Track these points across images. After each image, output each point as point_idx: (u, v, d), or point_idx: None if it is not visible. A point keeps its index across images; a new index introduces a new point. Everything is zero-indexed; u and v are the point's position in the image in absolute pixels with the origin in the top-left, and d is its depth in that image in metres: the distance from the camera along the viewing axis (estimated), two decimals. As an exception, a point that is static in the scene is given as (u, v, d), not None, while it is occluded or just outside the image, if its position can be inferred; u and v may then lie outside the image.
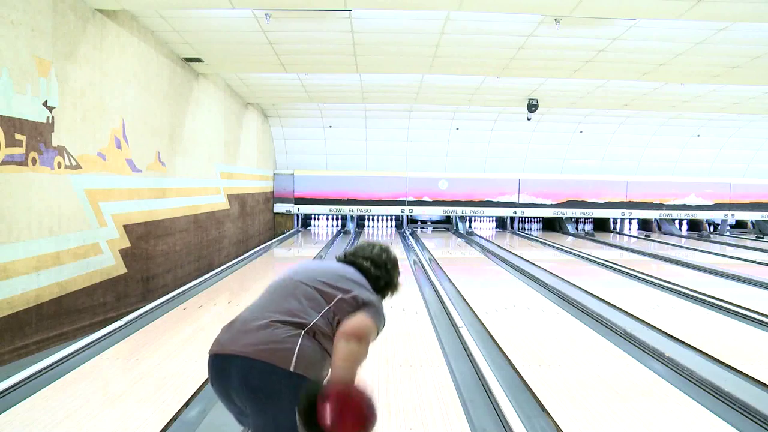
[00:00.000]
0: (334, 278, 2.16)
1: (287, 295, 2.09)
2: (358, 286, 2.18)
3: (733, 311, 6.14)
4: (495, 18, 6.65)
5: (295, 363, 1.91)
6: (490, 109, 13.88)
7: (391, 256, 2.41)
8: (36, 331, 4.84)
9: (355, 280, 2.21)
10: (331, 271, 2.22)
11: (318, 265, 2.27)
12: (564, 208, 16.21)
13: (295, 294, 2.08)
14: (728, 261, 10.88)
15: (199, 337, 5.10)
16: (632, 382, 4.00)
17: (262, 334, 1.95)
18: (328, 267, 2.26)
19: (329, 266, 2.27)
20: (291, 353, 1.91)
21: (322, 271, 2.20)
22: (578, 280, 8.02)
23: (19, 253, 4.65)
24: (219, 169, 10.25)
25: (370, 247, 2.38)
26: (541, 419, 3.39)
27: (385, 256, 2.38)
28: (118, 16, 6.23)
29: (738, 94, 10.86)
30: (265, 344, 1.92)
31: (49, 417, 3.29)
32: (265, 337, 1.94)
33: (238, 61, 8.73)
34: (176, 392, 3.68)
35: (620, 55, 7.85)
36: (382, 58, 8.28)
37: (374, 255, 2.35)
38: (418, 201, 15.80)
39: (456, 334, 5.13)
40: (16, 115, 4.55)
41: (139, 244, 6.82)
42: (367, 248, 2.38)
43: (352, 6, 5.84)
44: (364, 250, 2.37)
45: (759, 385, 3.92)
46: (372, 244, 2.41)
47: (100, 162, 5.94)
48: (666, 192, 16.41)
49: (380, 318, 2.15)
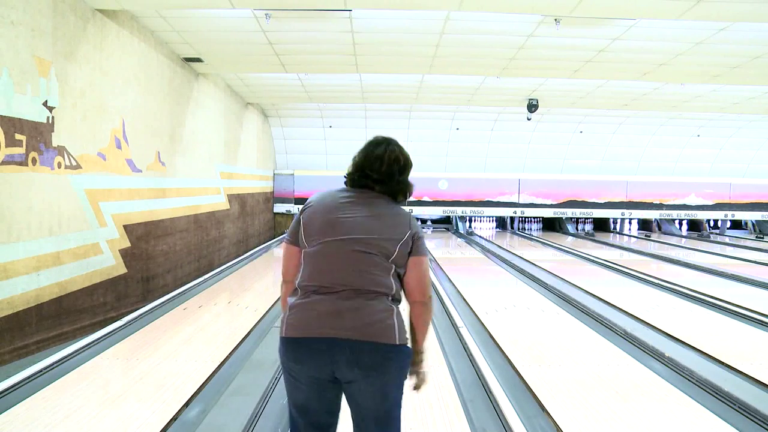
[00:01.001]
0: (377, 229, 2.07)
1: (355, 266, 2.03)
2: (392, 219, 2.11)
3: (733, 311, 6.14)
4: (495, 18, 6.65)
5: (398, 336, 2.01)
6: (490, 109, 13.88)
7: (401, 160, 2.17)
8: (36, 331, 4.83)
9: (388, 214, 2.12)
10: (368, 222, 2.08)
11: (354, 222, 2.08)
12: (564, 208, 16.20)
13: (362, 263, 2.03)
14: (728, 261, 10.88)
15: (199, 337, 5.11)
16: (632, 382, 4.00)
17: (360, 314, 1.98)
18: (362, 217, 2.09)
19: (361, 215, 2.09)
20: (393, 328, 2.00)
21: (364, 227, 2.07)
22: (578, 280, 8.02)
23: (19, 253, 4.65)
24: (219, 169, 10.24)
25: (378, 162, 2.14)
26: (541, 419, 3.39)
27: (397, 167, 2.16)
28: (118, 16, 6.23)
29: (738, 94, 10.86)
30: (369, 325, 1.97)
31: (49, 417, 3.29)
32: (365, 317, 1.98)
33: (238, 61, 8.73)
34: (176, 392, 3.68)
35: (620, 55, 7.85)
36: (382, 58, 8.28)
37: (385, 172, 2.14)
38: (418, 201, 15.79)
39: (456, 334, 5.13)
40: (16, 115, 4.55)
41: (139, 244, 6.82)
42: (375, 163, 2.14)
43: (352, 6, 5.84)
44: (373, 168, 2.14)
45: (759, 385, 3.92)
46: (379, 158, 2.14)
47: (100, 162, 5.94)
48: (666, 192, 16.40)
49: (423, 237, 2.18)
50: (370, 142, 2.20)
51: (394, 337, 2.00)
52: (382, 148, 2.16)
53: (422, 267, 2.11)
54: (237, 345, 4.76)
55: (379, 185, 2.15)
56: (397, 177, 2.16)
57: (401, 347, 2.01)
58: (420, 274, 2.11)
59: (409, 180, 2.22)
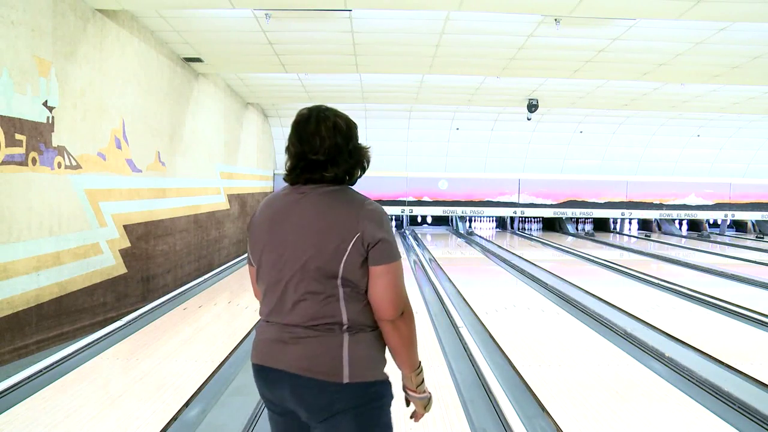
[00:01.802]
0: (317, 241, 1.66)
1: (295, 292, 1.68)
2: (336, 224, 1.66)
3: (733, 311, 6.14)
4: (495, 18, 6.65)
5: (350, 372, 1.64)
6: (490, 109, 13.88)
7: (342, 126, 1.73)
8: (36, 331, 4.83)
9: (332, 214, 1.68)
10: (307, 233, 1.68)
11: (291, 234, 1.70)
12: (564, 208, 16.20)
13: (302, 288, 1.67)
14: (728, 261, 10.88)
15: (199, 337, 5.11)
16: (632, 382, 4.00)
17: (303, 346, 1.66)
18: (301, 227, 1.69)
19: (300, 223, 1.70)
20: (340, 363, 1.64)
21: (303, 241, 1.67)
22: (578, 280, 8.02)
23: (19, 253, 4.65)
24: (219, 169, 10.24)
25: (317, 139, 1.70)
26: (541, 419, 3.39)
27: (340, 136, 1.72)
28: (118, 16, 6.23)
29: (738, 94, 10.86)
30: (312, 358, 1.65)
31: (49, 417, 3.29)
32: (309, 349, 1.66)
33: (238, 61, 8.73)
34: (176, 392, 3.68)
35: (620, 55, 7.85)
36: (382, 58, 8.28)
37: (330, 147, 1.70)
38: (418, 201, 15.80)
39: (456, 334, 5.13)
40: (16, 115, 4.55)
41: (139, 244, 6.82)
42: (315, 142, 1.70)
43: (352, 6, 5.84)
44: (314, 148, 1.70)
45: (759, 385, 3.92)
46: (315, 133, 1.70)
47: (100, 162, 5.94)
48: (666, 192, 16.40)
49: (391, 235, 1.70)
50: (296, 122, 1.76)
51: (341, 374, 1.63)
52: (313, 122, 1.73)
53: (386, 279, 1.66)
54: (237, 345, 4.76)
55: (332, 168, 1.72)
56: (346, 148, 1.73)
57: (355, 386, 1.63)
58: (382, 288, 1.67)
59: (361, 144, 1.78)
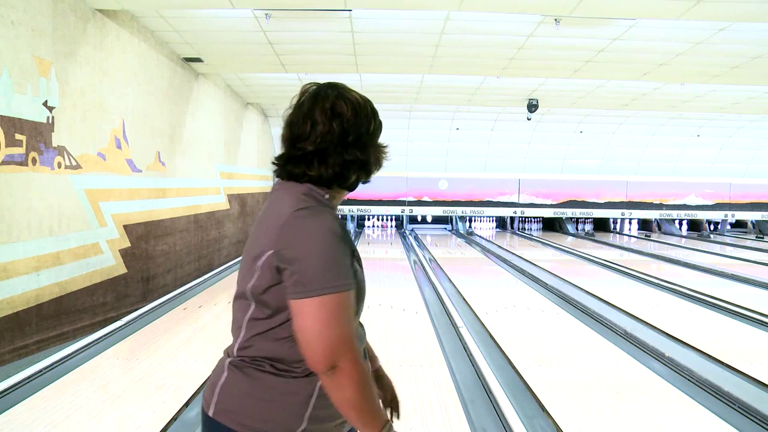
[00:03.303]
0: (249, 245, 1.35)
1: (233, 317, 1.43)
2: (266, 226, 1.30)
3: (733, 311, 6.14)
4: (495, 18, 6.65)
5: (216, 403, 1.33)
6: (490, 109, 13.87)
7: (346, 110, 1.33)
8: (36, 331, 4.83)
9: (270, 215, 1.31)
10: (253, 235, 1.36)
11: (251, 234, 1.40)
12: (564, 208, 16.21)
13: (234, 311, 1.42)
14: (728, 261, 10.88)
15: (199, 337, 5.11)
16: (632, 382, 4.00)
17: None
18: (255, 229, 1.38)
19: (256, 226, 1.38)
20: (212, 392, 1.36)
21: (249, 242, 1.38)
22: (578, 280, 8.02)
23: (19, 253, 4.65)
24: (219, 169, 10.24)
25: (309, 124, 1.29)
26: (541, 419, 3.39)
27: (339, 124, 1.31)
28: (118, 16, 6.23)
29: (738, 94, 10.85)
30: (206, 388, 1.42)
31: (49, 417, 3.29)
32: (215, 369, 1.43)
33: (238, 61, 8.72)
34: (176, 392, 3.68)
35: (620, 55, 7.85)
36: (382, 58, 8.28)
37: (323, 135, 1.29)
38: (418, 201, 15.80)
39: (456, 334, 5.13)
40: (16, 115, 4.54)
41: (139, 244, 6.82)
42: (304, 125, 1.30)
43: (352, 6, 5.84)
44: (303, 135, 1.30)
45: (759, 385, 3.92)
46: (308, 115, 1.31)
47: (100, 162, 5.94)
48: (666, 192, 16.41)
49: (322, 257, 1.20)
50: (293, 100, 1.38)
51: (209, 402, 1.34)
52: (308, 101, 1.32)
53: (304, 319, 1.20)
54: (237, 345, 4.75)
55: (318, 165, 1.30)
56: (343, 139, 1.31)
57: (218, 425, 1.30)
58: (300, 330, 1.21)
59: (372, 140, 1.40)
